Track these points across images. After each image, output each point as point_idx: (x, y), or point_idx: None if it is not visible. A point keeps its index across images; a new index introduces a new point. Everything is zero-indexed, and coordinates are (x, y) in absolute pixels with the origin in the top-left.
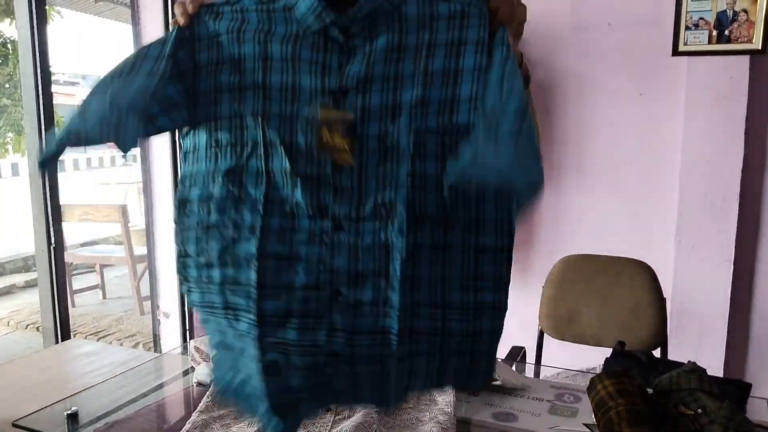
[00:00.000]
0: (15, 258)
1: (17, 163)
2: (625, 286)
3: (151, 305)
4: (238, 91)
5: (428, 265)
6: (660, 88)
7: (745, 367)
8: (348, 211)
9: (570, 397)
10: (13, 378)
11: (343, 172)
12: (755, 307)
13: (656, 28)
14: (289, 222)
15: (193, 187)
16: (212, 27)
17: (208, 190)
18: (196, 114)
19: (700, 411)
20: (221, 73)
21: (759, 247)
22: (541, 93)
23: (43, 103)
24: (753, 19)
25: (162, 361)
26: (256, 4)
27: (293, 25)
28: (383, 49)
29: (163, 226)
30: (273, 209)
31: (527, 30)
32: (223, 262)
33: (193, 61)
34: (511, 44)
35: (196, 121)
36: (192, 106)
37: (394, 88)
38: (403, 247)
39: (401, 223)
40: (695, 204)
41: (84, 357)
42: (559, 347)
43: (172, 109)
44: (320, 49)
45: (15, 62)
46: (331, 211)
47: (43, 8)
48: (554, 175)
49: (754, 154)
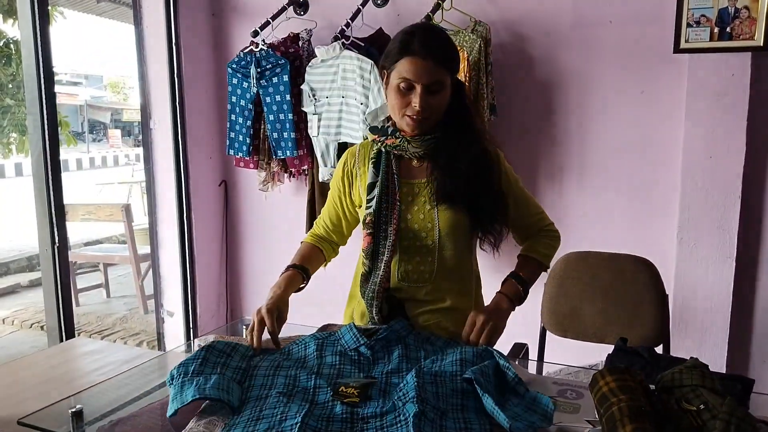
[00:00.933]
0: (19, 257)
1: (21, 163)
2: (626, 283)
3: (155, 304)
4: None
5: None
6: (662, 85)
7: (748, 362)
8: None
9: (572, 393)
10: (18, 376)
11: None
12: (758, 303)
13: (658, 25)
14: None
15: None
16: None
17: None
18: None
19: (702, 407)
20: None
21: (761, 244)
22: (543, 91)
23: (46, 103)
24: (755, 16)
25: (166, 360)
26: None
27: (339, 347)
28: (397, 356)
29: (166, 225)
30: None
31: (529, 26)
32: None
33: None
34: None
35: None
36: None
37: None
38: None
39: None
40: (697, 201)
41: (88, 355)
42: (561, 344)
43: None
44: (354, 360)
45: (18, 62)
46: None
47: (45, 8)
48: (556, 173)
49: (756, 150)
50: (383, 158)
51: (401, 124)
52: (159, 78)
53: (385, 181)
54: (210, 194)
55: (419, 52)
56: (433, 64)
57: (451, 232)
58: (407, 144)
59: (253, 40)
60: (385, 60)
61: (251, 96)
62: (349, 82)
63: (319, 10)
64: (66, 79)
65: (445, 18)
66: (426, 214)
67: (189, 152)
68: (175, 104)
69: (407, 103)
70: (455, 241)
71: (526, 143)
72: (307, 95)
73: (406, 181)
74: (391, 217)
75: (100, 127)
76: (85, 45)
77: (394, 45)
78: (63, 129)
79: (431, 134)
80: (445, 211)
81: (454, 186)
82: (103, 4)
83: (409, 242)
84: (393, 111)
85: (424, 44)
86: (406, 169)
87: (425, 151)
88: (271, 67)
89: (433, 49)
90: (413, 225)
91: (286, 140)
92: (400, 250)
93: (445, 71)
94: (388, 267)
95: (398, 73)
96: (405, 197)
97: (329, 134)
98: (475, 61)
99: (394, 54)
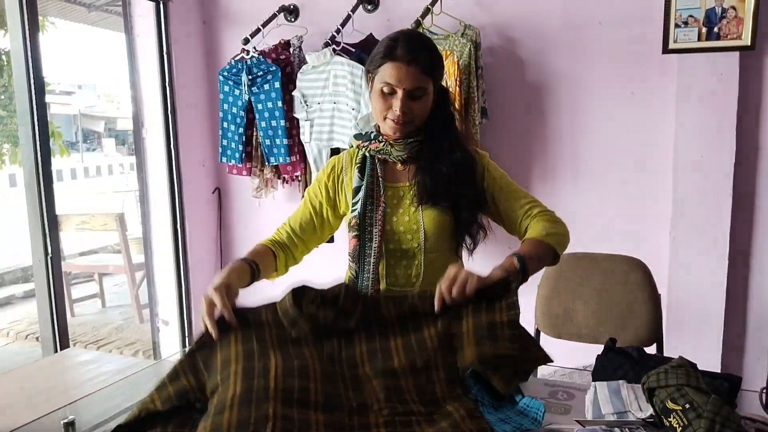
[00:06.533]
0: (14, 269)
1: (15, 174)
2: (619, 284)
3: (150, 313)
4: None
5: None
6: (651, 85)
7: (742, 361)
8: None
9: (563, 394)
10: (11, 388)
11: None
12: (751, 301)
13: (646, 26)
14: None
15: None
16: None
17: None
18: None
19: (687, 406)
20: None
21: (753, 242)
22: (534, 92)
23: (38, 113)
24: (741, 16)
25: (159, 369)
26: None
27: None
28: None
29: (160, 234)
30: None
31: (519, 29)
32: None
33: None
34: None
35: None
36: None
37: None
38: None
39: None
40: (689, 200)
41: (82, 366)
42: (556, 345)
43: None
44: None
45: (10, 73)
46: None
47: (35, 18)
48: (548, 174)
49: (746, 149)
50: (368, 163)
51: (384, 128)
52: (150, 86)
53: (371, 184)
54: (204, 201)
55: (403, 58)
56: (415, 71)
57: (436, 234)
58: (390, 148)
59: (244, 48)
60: (370, 64)
61: (243, 103)
62: (341, 87)
63: (309, 16)
64: (59, 88)
65: (435, 23)
66: (411, 216)
67: (182, 160)
68: (167, 112)
69: (389, 106)
70: (440, 244)
71: (517, 145)
72: (299, 101)
73: (390, 184)
74: (376, 219)
75: (94, 136)
76: (78, 54)
77: (378, 50)
78: (56, 139)
79: (414, 137)
80: (429, 214)
81: (435, 187)
82: (94, 13)
83: (395, 245)
84: (376, 114)
85: (408, 50)
86: (390, 173)
87: (409, 155)
88: (262, 74)
89: (417, 56)
90: (398, 227)
91: (279, 147)
92: (386, 254)
93: (428, 78)
94: (376, 270)
95: (381, 77)
96: (390, 200)
97: (321, 140)
98: (466, 64)
99: (378, 59)
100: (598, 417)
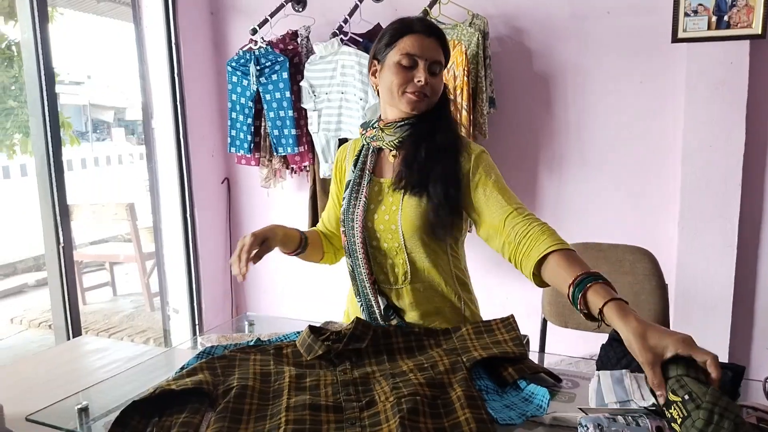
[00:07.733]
0: (26, 258)
1: (25, 164)
2: (626, 274)
3: (161, 301)
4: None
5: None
6: (660, 75)
7: (749, 351)
8: None
9: (568, 382)
10: (26, 374)
11: None
12: (759, 291)
13: (655, 15)
14: None
15: None
16: None
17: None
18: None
19: (686, 397)
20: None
21: (762, 232)
22: (542, 82)
23: (48, 103)
24: (752, 4)
25: (170, 356)
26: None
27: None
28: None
29: (170, 223)
30: None
31: (527, 18)
32: None
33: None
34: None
35: None
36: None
37: None
38: None
39: None
40: (697, 190)
41: (94, 353)
42: (562, 334)
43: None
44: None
45: (20, 64)
46: None
47: (45, 9)
48: (556, 163)
49: (756, 138)
50: (362, 154)
51: (399, 104)
52: (159, 77)
53: (358, 178)
54: (213, 192)
55: (423, 30)
56: (435, 43)
57: (414, 233)
58: (381, 132)
59: (251, 38)
60: (378, 47)
61: (251, 94)
62: (348, 77)
63: (317, 6)
64: (69, 79)
65: (443, 12)
66: (390, 214)
67: (191, 150)
68: (175, 103)
69: (409, 79)
70: (421, 242)
71: (525, 135)
72: (307, 92)
73: (377, 179)
74: (357, 215)
75: (103, 126)
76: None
77: (388, 31)
78: (66, 129)
79: (405, 121)
80: (407, 214)
81: (410, 176)
82: (103, 3)
83: (377, 243)
84: (391, 91)
85: (426, 25)
86: (380, 166)
87: (400, 140)
88: (270, 65)
89: (434, 30)
90: (378, 226)
91: (287, 137)
92: (372, 251)
93: (443, 56)
94: (367, 265)
95: (400, 50)
96: (375, 196)
97: (329, 130)
98: (474, 54)
99: (391, 37)
100: (601, 405)
